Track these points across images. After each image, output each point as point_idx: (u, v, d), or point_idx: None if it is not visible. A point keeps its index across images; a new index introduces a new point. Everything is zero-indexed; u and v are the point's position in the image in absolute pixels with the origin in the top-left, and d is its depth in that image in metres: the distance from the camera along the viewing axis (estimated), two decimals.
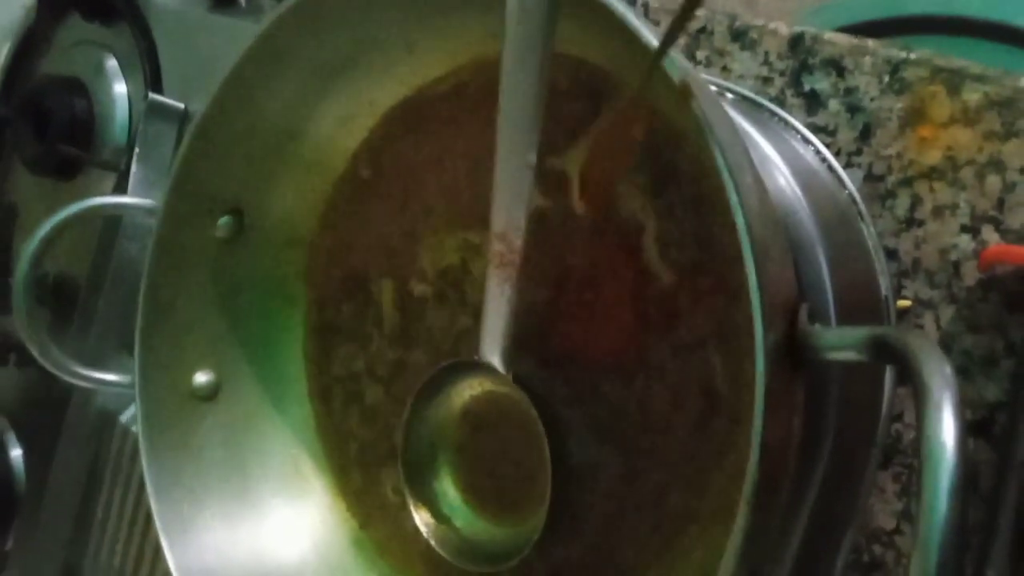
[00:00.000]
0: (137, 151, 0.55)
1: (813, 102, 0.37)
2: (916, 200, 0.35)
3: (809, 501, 0.28)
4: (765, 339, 0.22)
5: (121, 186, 0.56)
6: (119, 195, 0.55)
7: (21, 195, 0.68)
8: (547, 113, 0.26)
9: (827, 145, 0.36)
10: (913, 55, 0.35)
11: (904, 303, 0.34)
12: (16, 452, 0.58)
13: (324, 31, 0.33)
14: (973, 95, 0.34)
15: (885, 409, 0.33)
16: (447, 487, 0.34)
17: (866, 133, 0.36)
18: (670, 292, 0.29)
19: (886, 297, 0.33)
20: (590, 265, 0.31)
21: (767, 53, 0.39)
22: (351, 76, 0.35)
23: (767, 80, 0.38)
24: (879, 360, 0.22)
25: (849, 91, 0.36)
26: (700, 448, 0.28)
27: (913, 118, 0.35)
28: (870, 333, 0.22)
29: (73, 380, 0.40)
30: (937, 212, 0.34)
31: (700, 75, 0.32)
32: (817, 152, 0.36)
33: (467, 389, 0.34)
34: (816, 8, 0.64)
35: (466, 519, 0.34)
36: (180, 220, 0.36)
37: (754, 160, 0.24)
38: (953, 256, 0.34)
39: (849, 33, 0.37)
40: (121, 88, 0.61)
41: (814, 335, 0.23)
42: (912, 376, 0.21)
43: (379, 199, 0.37)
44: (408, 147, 0.36)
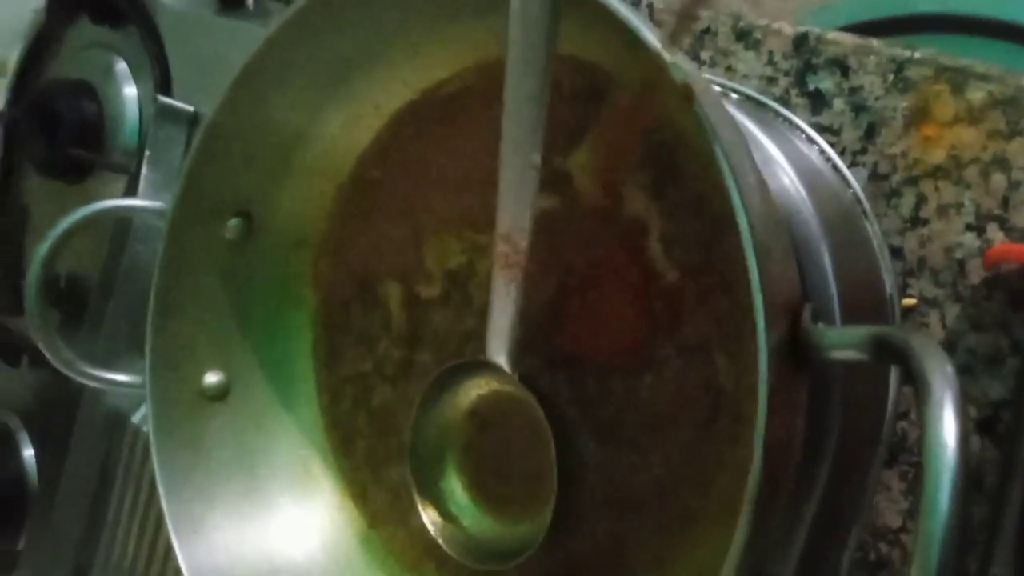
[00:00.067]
0: (147, 154, 0.55)
1: (817, 101, 0.37)
2: (921, 199, 0.35)
3: (813, 500, 0.28)
4: (768, 339, 0.22)
5: (131, 188, 0.56)
6: (129, 198, 0.55)
7: (32, 198, 0.68)
8: (551, 114, 0.27)
9: (832, 144, 0.36)
10: (917, 54, 0.35)
11: (909, 301, 0.34)
12: (28, 452, 0.58)
13: (329, 34, 0.33)
14: (977, 94, 0.34)
15: (890, 407, 0.33)
16: (454, 486, 0.35)
17: (871, 132, 0.36)
18: (674, 292, 0.29)
19: (891, 296, 0.33)
20: (595, 265, 0.31)
21: (771, 53, 0.39)
22: (357, 79, 0.35)
23: (771, 80, 0.39)
24: (881, 360, 0.22)
25: (853, 90, 0.36)
26: (704, 447, 0.28)
27: (918, 117, 0.35)
28: (872, 332, 0.22)
29: (84, 380, 0.40)
30: (942, 211, 0.34)
31: (704, 75, 0.32)
32: (821, 152, 0.36)
33: (474, 389, 0.34)
34: (820, 7, 0.64)
35: (473, 518, 0.34)
36: (189, 222, 0.36)
37: (758, 160, 0.24)
38: (958, 255, 0.34)
39: (853, 32, 0.37)
40: (131, 91, 0.61)
41: (817, 334, 0.23)
42: (914, 376, 0.21)
43: (385, 201, 0.37)
44: (414, 149, 0.36)
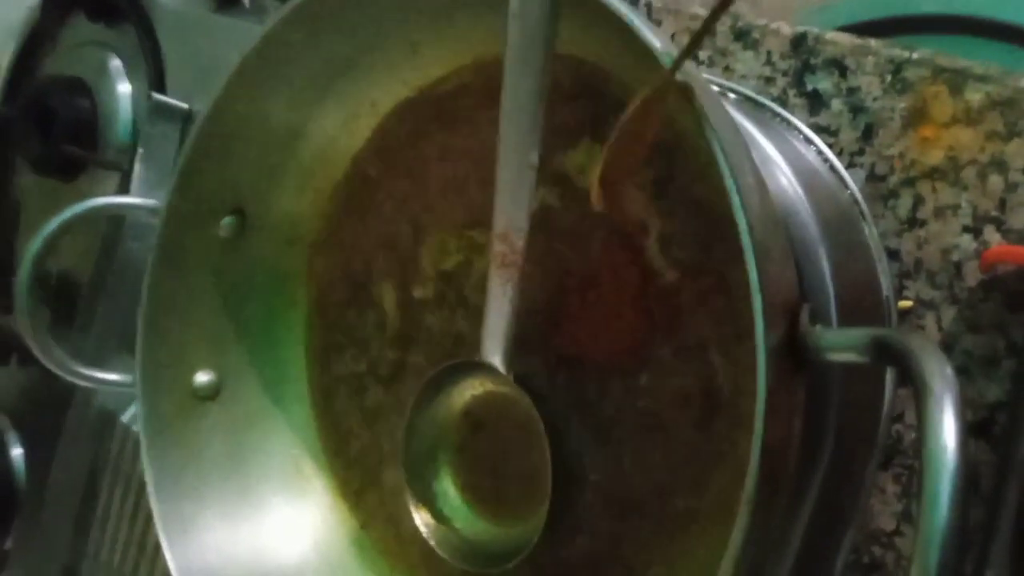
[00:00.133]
0: (140, 151, 0.55)
1: (815, 102, 0.37)
2: (918, 200, 0.35)
3: (809, 501, 0.28)
4: (766, 340, 0.22)
5: (124, 186, 0.56)
6: (122, 195, 0.55)
7: (24, 195, 0.68)
8: (548, 113, 0.27)
9: (829, 145, 0.36)
10: (915, 55, 0.35)
11: (906, 303, 0.34)
12: (17, 451, 0.58)
13: (327, 32, 0.33)
14: (975, 95, 0.34)
15: (886, 410, 0.33)
16: (448, 487, 0.34)
17: (868, 133, 0.36)
18: (672, 293, 0.29)
19: (888, 297, 0.33)
20: (592, 265, 0.31)
21: (770, 53, 0.39)
22: (353, 76, 0.35)
23: (769, 80, 0.38)
24: (880, 362, 0.22)
25: (851, 91, 0.36)
26: (701, 448, 0.28)
27: (915, 118, 0.35)
28: (871, 334, 0.22)
29: (74, 379, 0.40)
30: (939, 212, 0.34)
31: (702, 75, 0.32)
32: (819, 152, 0.36)
33: (468, 389, 0.34)
34: (819, 7, 0.64)
35: (466, 520, 0.34)
36: (183, 220, 0.36)
37: (756, 160, 0.24)
38: (955, 256, 0.34)
39: (852, 32, 0.37)
40: (125, 88, 0.61)
41: (815, 336, 0.23)
42: (913, 378, 0.21)
43: (381, 199, 0.37)
44: (410, 148, 0.36)
